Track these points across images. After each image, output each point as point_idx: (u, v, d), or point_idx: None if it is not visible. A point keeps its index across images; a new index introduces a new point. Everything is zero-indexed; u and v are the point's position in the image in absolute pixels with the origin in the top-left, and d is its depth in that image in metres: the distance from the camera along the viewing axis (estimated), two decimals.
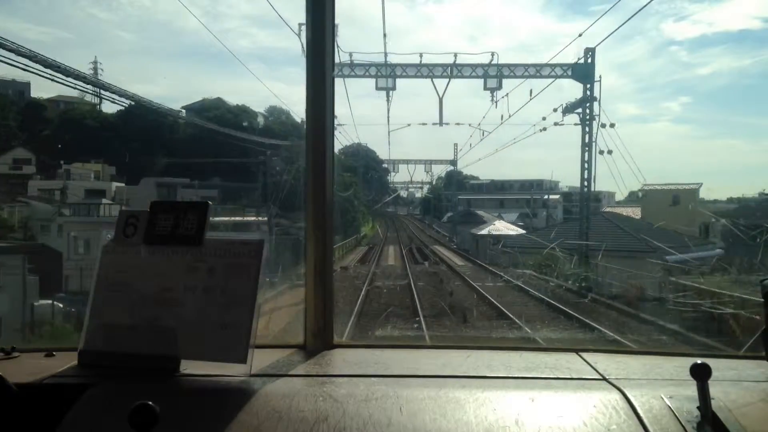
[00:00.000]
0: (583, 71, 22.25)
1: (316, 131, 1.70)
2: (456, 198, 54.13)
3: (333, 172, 1.72)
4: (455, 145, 53.62)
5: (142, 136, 40.73)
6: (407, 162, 56.85)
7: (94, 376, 1.37)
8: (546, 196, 51.92)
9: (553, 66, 22.42)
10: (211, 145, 38.12)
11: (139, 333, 1.43)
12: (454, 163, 52.97)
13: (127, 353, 1.43)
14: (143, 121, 40.47)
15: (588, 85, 22.26)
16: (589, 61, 22.02)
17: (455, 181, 55.77)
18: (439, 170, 59.78)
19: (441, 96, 23.55)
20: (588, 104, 22.44)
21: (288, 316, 8.36)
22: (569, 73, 22.33)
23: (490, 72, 22.22)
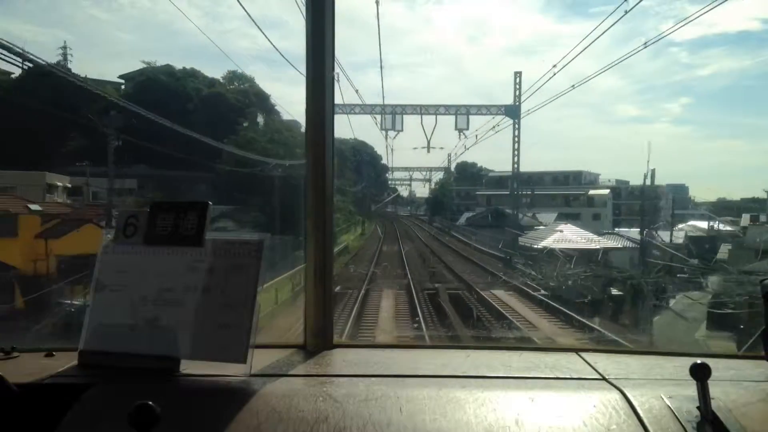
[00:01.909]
0: None
1: (316, 131, 1.70)
2: (517, 192, 34.68)
3: (333, 173, 1.72)
4: (517, 75, 29.75)
5: (45, 109, 28.11)
6: (421, 110, 29.39)
7: (94, 376, 1.37)
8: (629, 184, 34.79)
9: None
10: (146, 120, 25.32)
11: (139, 333, 1.43)
12: (513, 111, 28.14)
13: (127, 353, 1.43)
14: (47, 91, 29.89)
15: None
16: None
17: (515, 175, 34.92)
18: (482, 123, 31.32)
19: None
20: None
21: None
22: None
23: None
